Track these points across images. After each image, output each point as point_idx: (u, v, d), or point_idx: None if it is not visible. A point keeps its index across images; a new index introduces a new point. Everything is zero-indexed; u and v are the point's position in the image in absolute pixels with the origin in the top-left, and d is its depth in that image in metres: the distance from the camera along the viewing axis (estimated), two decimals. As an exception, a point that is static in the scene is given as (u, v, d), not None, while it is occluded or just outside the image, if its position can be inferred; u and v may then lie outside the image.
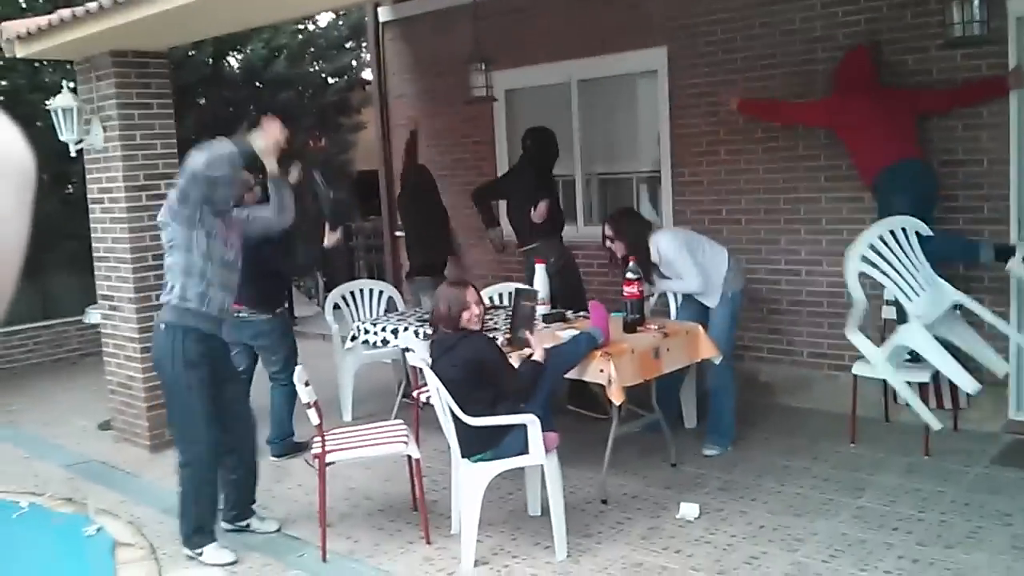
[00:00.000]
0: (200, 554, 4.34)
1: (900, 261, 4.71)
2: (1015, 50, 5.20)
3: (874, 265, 4.65)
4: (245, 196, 5.44)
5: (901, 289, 4.69)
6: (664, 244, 5.27)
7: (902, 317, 5.04)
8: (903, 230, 4.78)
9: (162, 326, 4.36)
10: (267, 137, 4.16)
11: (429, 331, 4.84)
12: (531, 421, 4.06)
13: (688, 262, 5.22)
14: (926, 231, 4.84)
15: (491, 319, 5.53)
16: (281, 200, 4.59)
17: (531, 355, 4.41)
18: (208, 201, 4.19)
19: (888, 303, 5.59)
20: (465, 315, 4.23)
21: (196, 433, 4.33)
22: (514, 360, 4.47)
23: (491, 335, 4.92)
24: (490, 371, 4.20)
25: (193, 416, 4.31)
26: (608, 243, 5.43)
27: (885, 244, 4.70)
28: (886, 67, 5.58)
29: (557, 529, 4.12)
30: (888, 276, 4.68)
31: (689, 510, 4.48)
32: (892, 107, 5.40)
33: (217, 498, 4.46)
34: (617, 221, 5.49)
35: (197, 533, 4.37)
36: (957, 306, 4.93)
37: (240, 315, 5.50)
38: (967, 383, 4.56)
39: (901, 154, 5.37)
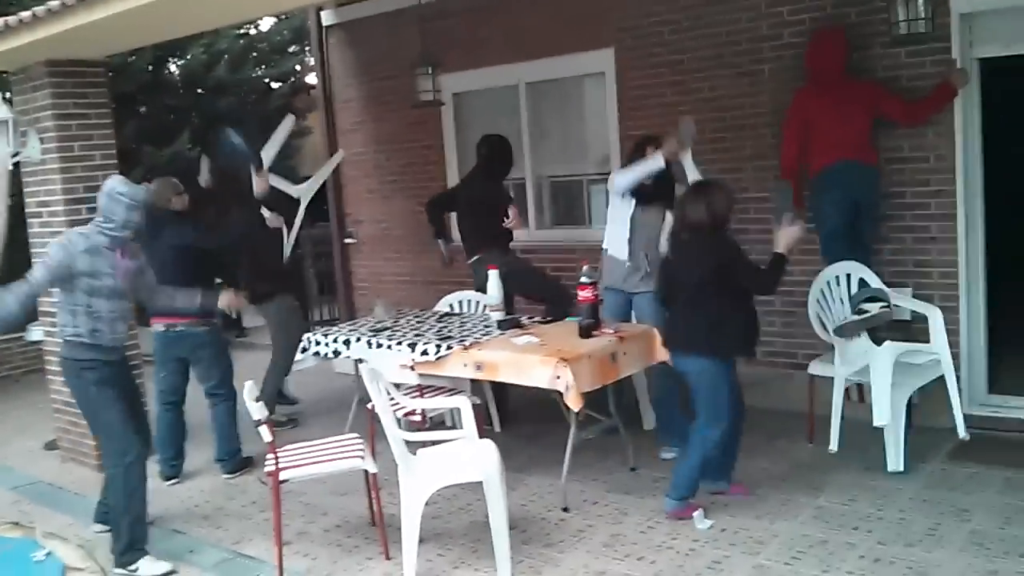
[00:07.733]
0: (135, 570, 4.28)
1: (832, 302, 5.54)
2: (959, 46, 5.27)
3: (819, 306, 5.55)
4: (172, 199, 5.42)
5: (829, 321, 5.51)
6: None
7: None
8: (847, 275, 5.46)
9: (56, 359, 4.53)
10: None
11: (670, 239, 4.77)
12: (463, 403, 4.32)
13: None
14: (873, 280, 5.33)
15: (445, 327, 5.45)
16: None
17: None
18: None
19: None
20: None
21: (121, 444, 4.33)
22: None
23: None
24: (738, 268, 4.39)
25: (113, 430, 4.33)
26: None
27: (829, 288, 5.53)
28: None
29: (499, 549, 3.99)
30: (824, 312, 5.54)
31: (703, 521, 4.40)
32: (852, 107, 5.37)
33: (146, 510, 4.41)
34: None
35: (129, 549, 4.31)
36: None
37: (176, 328, 5.40)
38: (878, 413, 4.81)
39: (842, 155, 5.39)
